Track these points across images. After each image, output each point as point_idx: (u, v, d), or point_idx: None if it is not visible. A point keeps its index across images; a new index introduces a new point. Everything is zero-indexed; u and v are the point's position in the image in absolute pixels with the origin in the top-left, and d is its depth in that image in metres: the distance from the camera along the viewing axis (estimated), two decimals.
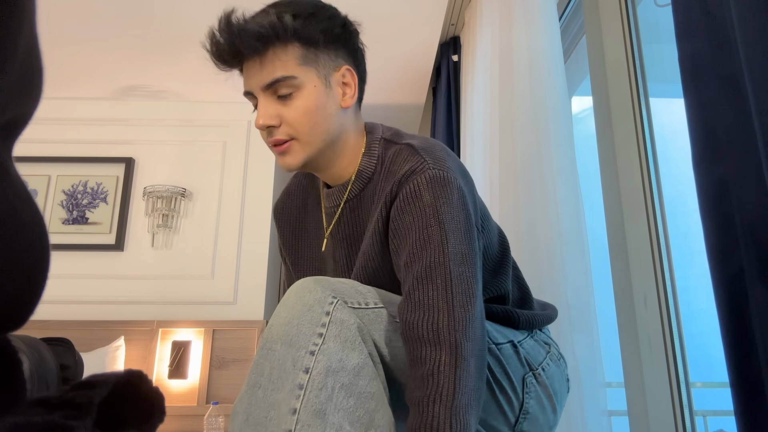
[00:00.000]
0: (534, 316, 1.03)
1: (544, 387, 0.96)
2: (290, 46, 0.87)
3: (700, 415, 1.48)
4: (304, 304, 0.76)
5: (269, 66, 0.87)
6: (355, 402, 0.72)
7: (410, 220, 0.84)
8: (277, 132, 0.89)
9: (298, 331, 0.73)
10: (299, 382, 0.70)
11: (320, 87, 0.90)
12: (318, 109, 0.89)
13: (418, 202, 0.84)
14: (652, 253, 1.42)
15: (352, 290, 0.81)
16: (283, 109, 0.88)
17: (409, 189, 0.85)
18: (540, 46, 1.67)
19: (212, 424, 2.52)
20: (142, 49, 2.88)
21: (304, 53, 0.88)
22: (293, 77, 0.87)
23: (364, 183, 0.95)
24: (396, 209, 0.86)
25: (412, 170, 0.86)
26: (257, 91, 0.89)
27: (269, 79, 0.87)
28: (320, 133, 0.90)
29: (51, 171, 3.24)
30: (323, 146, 0.92)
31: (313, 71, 0.89)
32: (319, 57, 0.89)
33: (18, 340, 0.77)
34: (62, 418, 0.29)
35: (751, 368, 0.80)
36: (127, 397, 0.34)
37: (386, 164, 0.93)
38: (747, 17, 0.78)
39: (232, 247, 3.20)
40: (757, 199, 0.81)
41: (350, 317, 0.77)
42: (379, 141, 0.97)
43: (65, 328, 2.84)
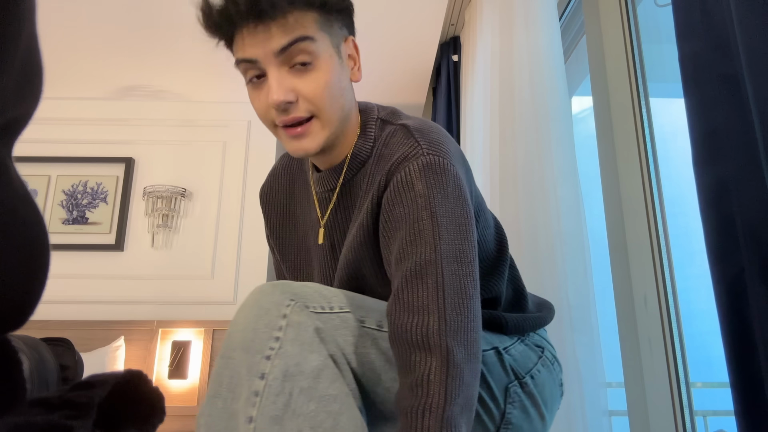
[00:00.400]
0: (525, 320, 0.97)
1: (531, 396, 0.90)
2: (309, 11, 0.78)
3: (700, 415, 1.48)
4: (261, 307, 0.72)
5: (288, 30, 0.76)
6: (317, 406, 0.68)
7: (401, 212, 0.77)
8: (295, 109, 0.78)
9: (254, 336, 0.70)
10: (255, 389, 0.67)
11: (335, 57, 0.82)
12: (336, 82, 0.81)
13: (409, 192, 0.77)
14: (652, 253, 1.42)
15: (316, 294, 0.76)
16: (300, 82, 0.78)
17: (400, 177, 0.78)
18: (540, 46, 1.67)
19: None
20: (142, 49, 2.88)
21: (321, 19, 0.79)
22: (313, 39, 0.77)
23: (357, 167, 0.88)
24: (387, 200, 0.79)
25: (405, 156, 0.79)
26: (268, 59, 0.76)
27: (287, 40, 0.75)
28: (338, 109, 0.82)
29: (51, 171, 3.24)
30: (339, 126, 0.84)
31: (327, 39, 0.80)
32: (332, 25, 0.82)
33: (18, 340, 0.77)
34: (62, 418, 0.29)
35: (751, 368, 0.80)
36: (127, 397, 0.34)
37: (379, 146, 0.87)
38: (747, 17, 0.78)
39: (232, 247, 3.20)
40: (757, 199, 0.81)
41: (307, 319, 0.72)
42: (375, 121, 0.90)
43: (65, 328, 2.84)
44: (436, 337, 0.69)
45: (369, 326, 0.78)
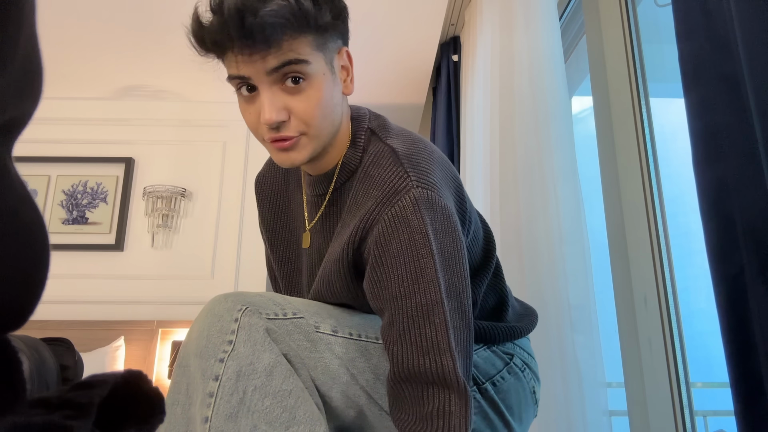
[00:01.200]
0: (494, 328, 0.95)
1: (492, 402, 0.90)
2: (303, 33, 0.76)
3: (700, 415, 1.48)
4: (214, 314, 0.74)
5: (279, 52, 0.75)
6: (272, 401, 0.70)
7: (397, 249, 0.75)
8: (286, 128, 0.79)
9: (208, 342, 0.71)
10: (209, 390, 0.69)
11: (328, 74, 0.81)
12: (328, 99, 0.81)
13: (405, 229, 0.76)
14: (652, 253, 1.42)
15: (269, 302, 0.78)
16: (292, 100, 0.78)
17: (394, 212, 0.77)
18: (540, 46, 1.67)
19: None
20: (142, 49, 2.88)
21: (316, 38, 0.78)
22: (306, 61, 0.76)
23: (347, 176, 0.88)
24: (379, 234, 0.77)
25: (396, 190, 0.78)
26: (260, 78, 0.76)
27: (278, 62, 0.75)
28: (328, 125, 0.82)
29: (51, 171, 3.24)
30: (327, 139, 0.84)
31: (322, 58, 0.79)
32: (326, 42, 0.80)
33: (18, 340, 0.77)
34: (62, 418, 0.29)
35: (751, 368, 0.80)
36: (127, 397, 0.34)
37: (366, 163, 0.86)
38: (747, 17, 0.78)
39: (232, 247, 3.20)
40: (757, 199, 0.81)
41: (258, 320, 0.74)
42: (366, 131, 0.90)
43: (65, 328, 2.84)
44: (452, 375, 0.71)
45: (323, 331, 0.80)
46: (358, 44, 2.84)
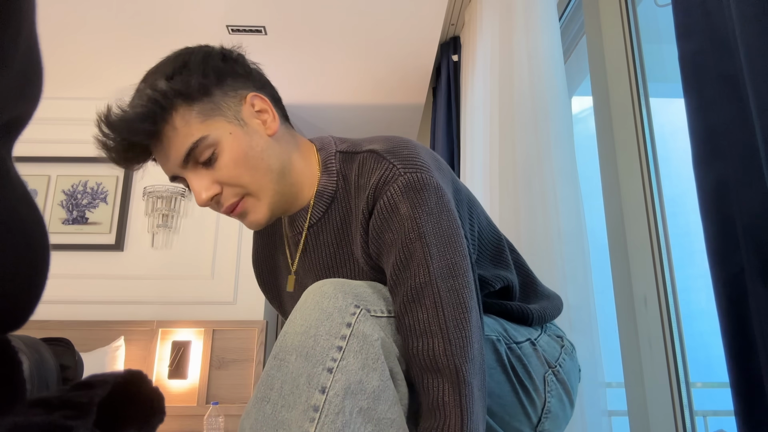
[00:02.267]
0: (545, 310, 0.98)
1: (563, 383, 0.93)
2: (181, 110, 0.78)
3: (700, 415, 1.48)
4: (323, 311, 0.69)
5: (174, 141, 0.78)
6: (373, 429, 0.66)
7: (390, 238, 0.77)
8: (224, 198, 0.81)
9: (315, 343, 0.67)
10: (314, 403, 0.64)
11: (237, 130, 0.81)
12: (248, 152, 0.80)
13: (395, 216, 0.77)
14: (652, 253, 1.42)
15: (375, 295, 0.75)
16: (214, 173, 0.79)
17: (384, 202, 0.78)
18: (540, 46, 1.67)
19: (212, 424, 2.52)
20: (142, 48, 2.88)
21: (199, 108, 0.79)
22: (203, 138, 0.78)
23: (326, 204, 0.87)
24: (374, 227, 0.79)
25: (384, 180, 0.79)
26: (180, 170, 0.80)
27: (182, 153, 0.78)
28: (263, 174, 0.82)
29: (51, 171, 3.24)
30: (276, 186, 0.83)
31: (220, 119, 0.80)
32: (217, 103, 0.80)
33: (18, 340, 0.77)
34: (62, 418, 0.29)
35: (751, 368, 0.80)
36: (127, 397, 0.34)
37: (352, 179, 0.85)
38: (747, 17, 0.78)
39: (232, 247, 3.20)
40: (757, 199, 0.81)
41: (373, 331, 0.70)
42: (335, 155, 0.89)
43: (65, 328, 2.84)
44: (443, 359, 0.71)
45: None
46: (358, 44, 2.84)
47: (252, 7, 2.57)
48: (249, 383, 2.92)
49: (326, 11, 2.58)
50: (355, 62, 2.99)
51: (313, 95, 3.37)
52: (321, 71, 3.11)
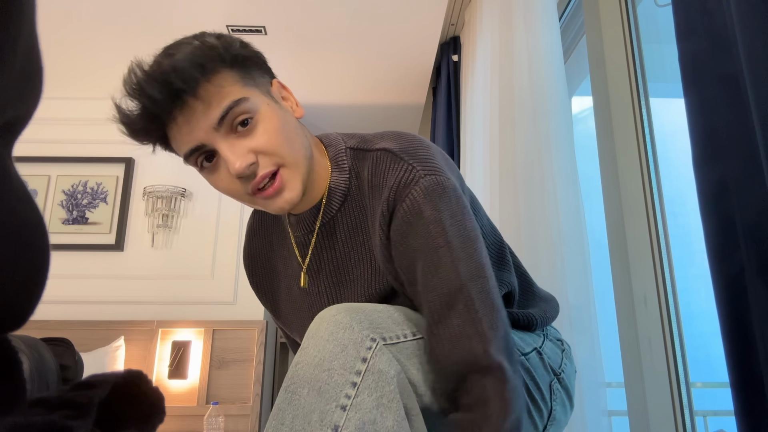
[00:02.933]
0: (546, 314, 0.97)
1: (566, 389, 0.93)
2: (223, 71, 0.74)
3: (700, 415, 1.48)
4: (338, 343, 0.66)
5: (212, 100, 0.72)
6: None
7: (416, 243, 0.75)
8: (261, 166, 0.75)
9: (329, 378, 0.64)
10: None
11: (272, 103, 0.78)
12: (285, 125, 0.78)
13: (419, 220, 0.75)
14: (652, 253, 1.42)
15: (389, 321, 0.72)
16: (251, 141, 0.74)
17: (407, 206, 0.76)
18: (540, 46, 1.67)
19: (212, 424, 2.52)
20: (143, 49, 2.87)
21: (240, 74, 0.76)
22: (244, 98, 0.74)
23: (339, 201, 0.85)
24: (397, 231, 0.77)
25: (404, 183, 0.77)
26: (210, 136, 0.73)
27: (220, 111, 0.72)
28: (299, 149, 0.79)
29: (51, 171, 3.24)
30: (307, 164, 0.80)
31: (256, 91, 0.77)
32: (253, 76, 0.78)
33: (18, 340, 0.77)
34: (62, 418, 0.29)
35: (751, 368, 0.80)
36: (127, 397, 0.34)
37: (366, 177, 0.83)
38: (747, 17, 0.78)
39: (232, 247, 3.20)
40: (757, 199, 0.81)
41: (390, 367, 0.67)
42: (345, 152, 0.86)
43: (65, 328, 2.84)
44: (484, 358, 0.69)
45: None
46: (358, 44, 2.84)
47: (252, 7, 2.57)
48: (249, 383, 2.92)
49: (326, 11, 2.58)
50: (355, 62, 2.99)
51: (313, 95, 3.37)
52: (321, 71, 3.11)
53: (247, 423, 2.83)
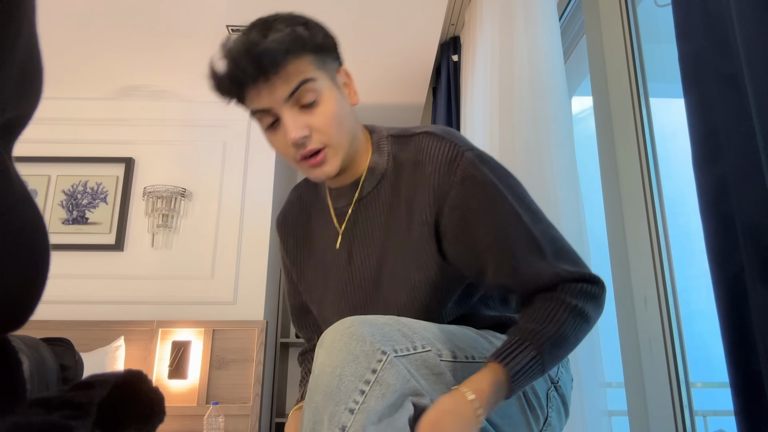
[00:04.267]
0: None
1: (562, 396, 0.97)
2: (304, 56, 0.86)
3: (700, 415, 1.48)
4: (350, 352, 0.72)
5: (289, 77, 0.85)
6: None
7: (476, 205, 0.86)
8: (310, 142, 0.87)
9: (340, 383, 0.70)
10: None
11: (334, 90, 0.90)
12: (340, 111, 0.89)
13: (474, 185, 0.86)
14: (652, 253, 1.42)
15: (398, 333, 0.78)
16: (310, 117, 0.87)
17: (460, 176, 0.87)
18: (540, 46, 1.67)
19: (212, 424, 2.52)
20: (142, 49, 2.88)
21: (316, 60, 0.88)
22: (314, 79, 0.86)
23: (376, 180, 0.95)
24: (454, 200, 0.87)
25: (453, 156, 0.88)
26: (279, 105, 0.86)
27: (292, 86, 0.85)
28: (345, 134, 0.90)
29: (51, 171, 3.24)
30: (349, 147, 0.92)
31: (325, 75, 0.89)
32: (325, 62, 0.90)
33: (18, 340, 0.77)
34: (62, 417, 0.29)
35: (751, 368, 0.80)
36: (127, 397, 0.34)
37: (405, 158, 0.94)
38: (747, 17, 0.78)
39: (232, 247, 3.20)
40: (757, 199, 0.81)
41: (396, 380, 0.73)
42: (387, 138, 0.98)
43: (65, 328, 2.84)
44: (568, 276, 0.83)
45: (446, 359, 0.82)
46: (358, 44, 2.84)
47: (252, 7, 2.57)
48: (249, 383, 2.92)
49: (326, 11, 2.58)
50: (355, 62, 2.99)
51: None
52: None
53: (247, 423, 2.83)
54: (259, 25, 0.86)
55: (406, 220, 0.91)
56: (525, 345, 0.78)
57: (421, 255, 0.90)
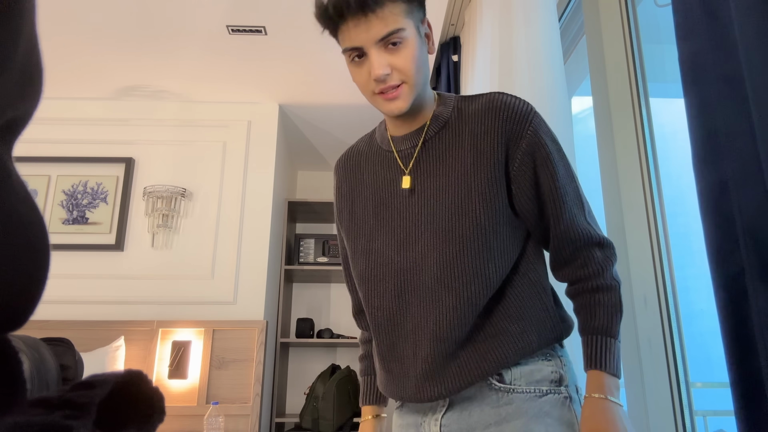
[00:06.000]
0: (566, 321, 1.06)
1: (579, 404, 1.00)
2: (400, 2, 0.95)
3: (700, 415, 1.48)
4: None
5: (385, 20, 0.94)
6: None
7: (546, 154, 0.98)
8: (390, 79, 0.96)
9: None
10: None
11: (417, 37, 0.98)
12: (419, 55, 0.98)
13: (545, 138, 0.98)
14: (652, 253, 1.42)
15: None
16: (393, 58, 0.96)
17: (534, 128, 0.98)
18: (540, 46, 1.67)
19: (212, 424, 2.52)
20: (142, 49, 2.88)
21: (407, 8, 0.96)
22: (403, 29, 0.95)
23: (440, 125, 1.04)
24: (528, 146, 0.98)
25: (525, 112, 0.99)
26: (370, 44, 0.95)
27: (385, 32, 0.94)
28: (421, 76, 0.99)
29: (51, 171, 3.24)
30: (422, 90, 1.01)
31: (411, 23, 0.97)
32: (414, 12, 0.98)
33: (18, 340, 0.77)
34: (62, 418, 0.29)
35: (751, 368, 0.80)
36: (127, 397, 0.34)
37: (471, 110, 1.03)
38: (747, 17, 0.78)
39: (232, 247, 3.20)
40: (757, 199, 0.81)
41: None
42: (454, 97, 1.08)
43: (65, 328, 2.84)
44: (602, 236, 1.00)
45: None
46: None
47: (252, 7, 2.57)
48: (249, 383, 2.92)
49: None
50: None
51: (313, 95, 3.37)
52: (321, 71, 3.11)
53: (247, 423, 2.83)
54: None
55: (473, 159, 0.99)
56: (608, 340, 0.93)
57: (490, 188, 0.98)
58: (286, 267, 3.62)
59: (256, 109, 3.46)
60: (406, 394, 0.98)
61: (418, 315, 0.97)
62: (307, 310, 3.99)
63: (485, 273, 0.95)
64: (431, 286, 0.96)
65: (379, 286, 1.02)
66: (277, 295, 3.55)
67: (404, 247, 1.00)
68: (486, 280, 0.95)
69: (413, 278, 0.98)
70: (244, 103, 3.45)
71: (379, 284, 1.02)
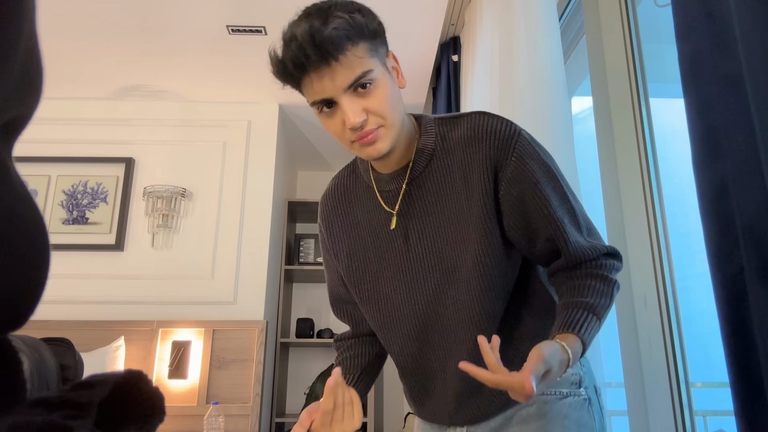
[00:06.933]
0: None
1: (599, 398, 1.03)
2: (362, 43, 0.90)
3: (700, 415, 1.48)
4: None
5: (350, 66, 0.89)
6: None
7: (534, 180, 0.93)
8: (366, 123, 0.92)
9: None
10: None
11: (386, 74, 0.94)
12: (391, 93, 0.94)
13: (532, 162, 0.93)
14: (652, 253, 1.42)
15: None
16: (365, 101, 0.91)
17: (518, 153, 0.93)
18: (540, 46, 1.67)
19: (212, 424, 2.52)
20: (142, 49, 2.88)
21: (370, 46, 0.92)
22: (371, 69, 0.90)
23: (426, 160, 1.00)
24: (513, 173, 0.93)
25: (508, 135, 0.94)
26: (338, 93, 0.90)
27: (353, 78, 0.89)
28: (398, 115, 0.95)
29: (51, 171, 3.24)
30: (400, 127, 0.96)
31: (378, 61, 0.93)
32: (377, 48, 0.94)
33: (18, 340, 0.77)
34: (62, 417, 0.29)
35: (751, 368, 0.80)
36: (127, 397, 0.34)
37: (454, 137, 0.98)
38: (747, 17, 0.78)
39: (232, 247, 3.20)
40: (757, 199, 0.81)
41: None
42: (434, 121, 1.02)
43: (65, 328, 2.84)
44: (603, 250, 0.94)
45: None
46: None
47: (252, 7, 2.57)
48: (249, 383, 2.92)
49: None
50: None
51: None
52: None
53: (247, 423, 2.83)
54: (317, 12, 0.88)
55: (465, 192, 0.96)
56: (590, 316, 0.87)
57: (485, 223, 0.95)
58: (286, 267, 3.62)
59: (256, 109, 3.46)
60: (441, 422, 1.04)
61: (442, 355, 1.00)
62: (307, 310, 3.99)
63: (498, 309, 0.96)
64: (449, 326, 0.98)
65: (397, 331, 1.03)
66: (277, 295, 3.55)
67: (414, 290, 1.00)
68: (500, 315, 0.97)
69: (430, 320, 0.99)
70: (244, 103, 3.45)
71: (396, 329, 1.03)
